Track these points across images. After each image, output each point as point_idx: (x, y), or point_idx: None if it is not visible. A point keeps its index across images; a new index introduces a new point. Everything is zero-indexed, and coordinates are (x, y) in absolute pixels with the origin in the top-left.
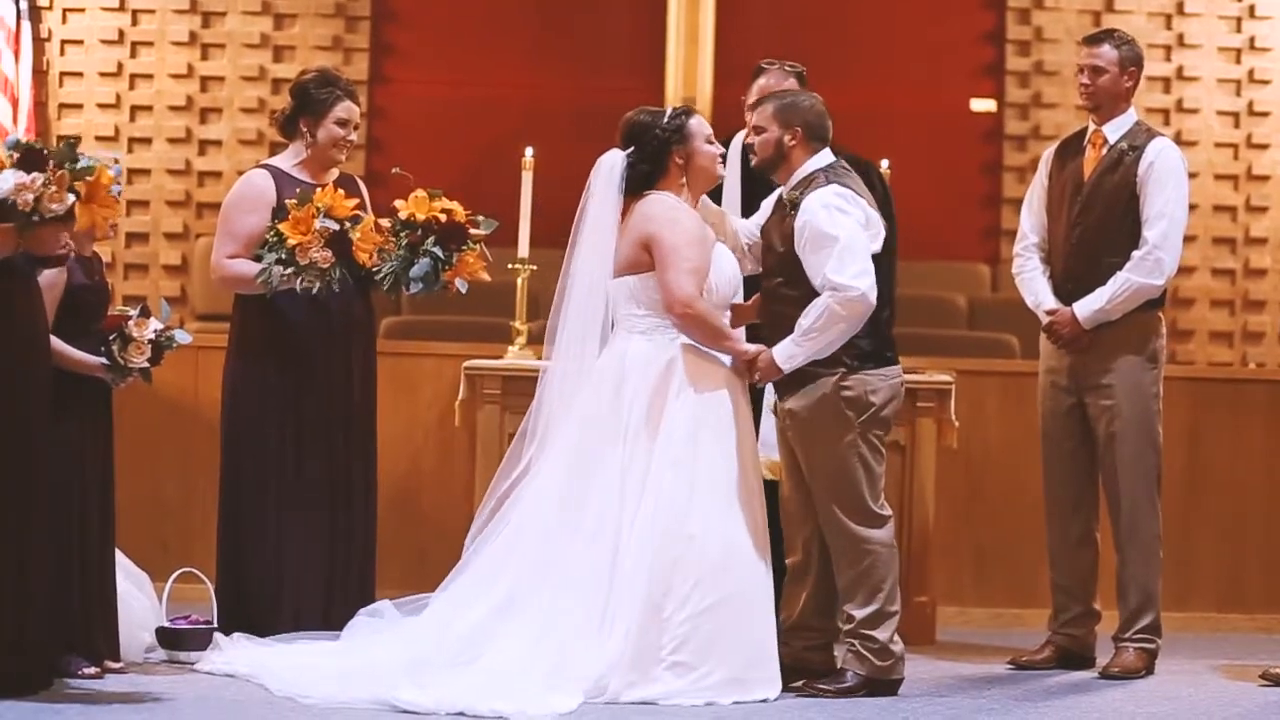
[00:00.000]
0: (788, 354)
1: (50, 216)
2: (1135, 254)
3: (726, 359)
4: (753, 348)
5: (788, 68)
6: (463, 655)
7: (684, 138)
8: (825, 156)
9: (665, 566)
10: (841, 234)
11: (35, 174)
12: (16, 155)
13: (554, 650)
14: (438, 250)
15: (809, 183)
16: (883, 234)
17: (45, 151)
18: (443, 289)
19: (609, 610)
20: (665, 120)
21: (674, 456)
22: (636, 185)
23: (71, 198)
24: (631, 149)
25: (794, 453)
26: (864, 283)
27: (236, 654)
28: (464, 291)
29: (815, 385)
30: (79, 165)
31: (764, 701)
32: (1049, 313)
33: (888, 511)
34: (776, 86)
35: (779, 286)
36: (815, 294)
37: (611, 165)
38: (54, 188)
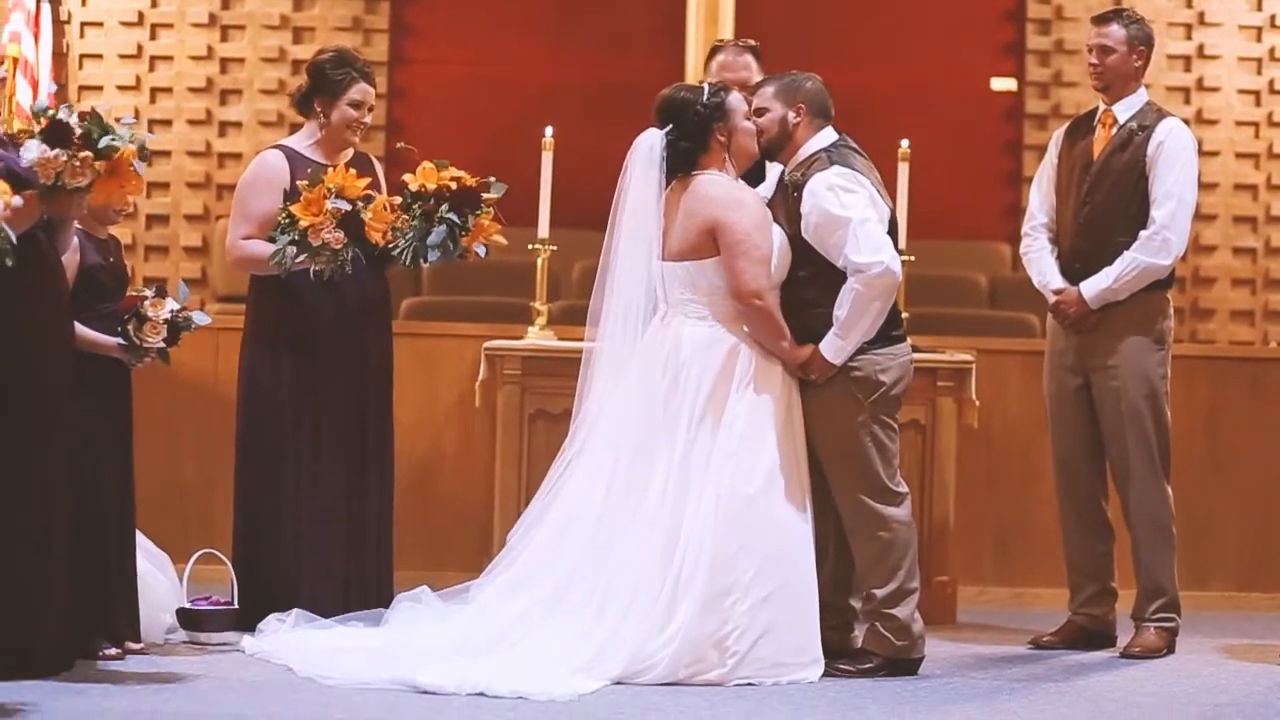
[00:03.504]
0: (835, 348)
1: (72, 189)
2: (1143, 234)
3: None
4: (804, 349)
5: (741, 43)
6: (503, 641)
7: (725, 114)
8: (828, 135)
9: (728, 554)
10: (852, 213)
11: (59, 150)
12: (44, 123)
13: (603, 637)
14: (454, 216)
15: (811, 163)
16: (888, 215)
17: (71, 126)
18: (461, 256)
19: (666, 596)
20: (706, 97)
21: (736, 445)
22: (679, 164)
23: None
24: (670, 126)
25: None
26: (884, 255)
27: (283, 636)
28: (483, 255)
29: None
30: (101, 145)
31: (807, 683)
32: (1056, 292)
33: (904, 489)
34: (734, 63)
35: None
36: (825, 271)
37: (651, 144)
38: (76, 164)
